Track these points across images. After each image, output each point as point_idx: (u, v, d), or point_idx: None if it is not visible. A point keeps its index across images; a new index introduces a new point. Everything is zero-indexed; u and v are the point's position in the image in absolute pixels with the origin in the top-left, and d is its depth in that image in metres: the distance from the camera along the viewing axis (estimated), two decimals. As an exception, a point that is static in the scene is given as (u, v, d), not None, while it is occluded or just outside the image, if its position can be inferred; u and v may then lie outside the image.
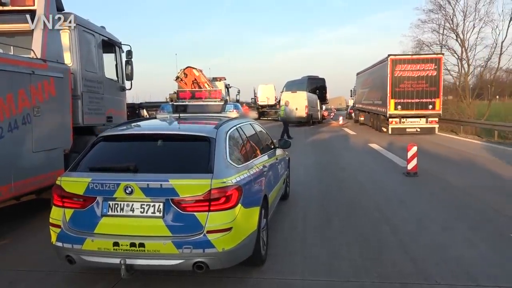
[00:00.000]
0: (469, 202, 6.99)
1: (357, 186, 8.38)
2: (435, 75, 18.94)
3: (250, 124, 5.58)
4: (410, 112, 19.18)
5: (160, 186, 3.55)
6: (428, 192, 7.81)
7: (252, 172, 4.30)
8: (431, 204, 6.88)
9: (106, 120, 7.87)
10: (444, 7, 38.08)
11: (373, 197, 7.36)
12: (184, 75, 20.41)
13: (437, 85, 19.03)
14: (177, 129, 4.51)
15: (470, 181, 8.80)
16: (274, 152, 6.07)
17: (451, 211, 6.42)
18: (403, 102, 19.14)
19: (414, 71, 19.02)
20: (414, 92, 19.05)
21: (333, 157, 12.94)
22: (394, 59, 19.17)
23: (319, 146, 16.31)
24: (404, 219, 6.02)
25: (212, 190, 3.53)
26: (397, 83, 19.14)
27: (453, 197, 7.40)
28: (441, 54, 20.83)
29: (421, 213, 6.32)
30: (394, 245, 4.93)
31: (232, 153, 4.13)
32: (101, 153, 4.09)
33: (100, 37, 7.90)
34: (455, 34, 38.46)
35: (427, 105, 19.03)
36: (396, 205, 6.84)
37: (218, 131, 4.12)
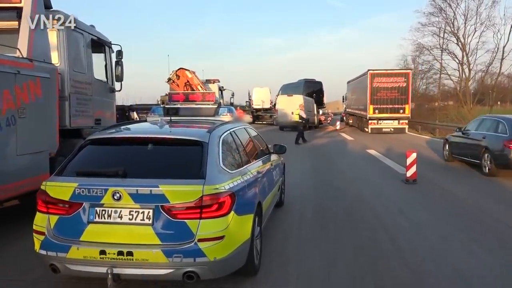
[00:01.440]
0: (471, 211, 7.03)
1: (355, 193, 8.39)
2: (405, 86, 24.79)
3: (244, 128, 5.58)
4: (385, 115, 24.90)
5: (150, 192, 3.53)
6: (428, 201, 7.84)
7: (246, 178, 4.29)
8: (431, 213, 6.90)
9: (94, 123, 7.83)
10: (444, 10, 38.47)
11: (371, 205, 7.37)
12: (176, 76, 20.38)
13: (406, 94, 24.76)
14: (168, 133, 4.49)
15: (468, 187, 8.85)
16: (269, 157, 6.07)
17: (452, 221, 6.43)
18: (380, 107, 24.82)
19: (388, 82, 24.83)
20: (388, 99, 24.75)
21: (329, 163, 12.97)
22: (372, 73, 24.98)
23: (315, 152, 16.34)
24: (403, 228, 6.02)
25: (204, 197, 3.52)
26: (375, 92, 24.85)
27: (455, 206, 7.43)
28: (409, 69, 27.71)
29: (421, 222, 6.33)
30: (392, 255, 4.93)
31: (225, 158, 4.12)
32: (89, 157, 4.06)
33: (89, 36, 7.88)
34: (456, 38, 38.81)
35: (399, 110, 24.75)
36: (395, 214, 6.85)
37: (211, 135, 4.11)
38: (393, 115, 24.80)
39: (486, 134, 10.69)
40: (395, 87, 24.79)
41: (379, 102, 24.81)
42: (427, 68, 44.05)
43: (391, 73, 25.28)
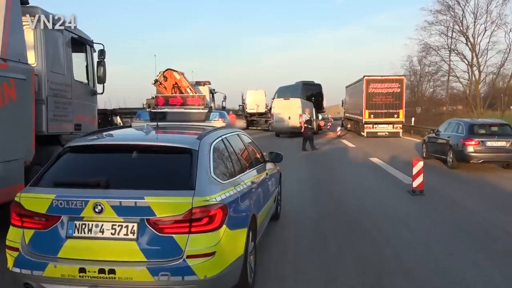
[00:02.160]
0: (482, 225, 7.07)
1: (357, 205, 8.41)
2: (399, 92, 27.55)
3: (237, 134, 5.59)
4: (380, 120, 27.48)
5: (135, 204, 3.52)
6: (436, 213, 7.87)
7: (239, 189, 4.29)
8: (439, 227, 6.93)
9: (74, 128, 7.81)
10: (453, 8, 38.96)
11: (374, 219, 7.39)
12: (164, 78, 20.39)
13: (400, 99, 27.55)
14: (154, 140, 4.49)
15: (478, 199, 8.90)
16: (264, 166, 6.08)
17: (463, 236, 6.46)
18: (375, 112, 27.44)
19: (383, 88, 27.52)
20: (383, 104, 27.41)
21: (329, 172, 13.00)
22: (368, 79, 27.71)
23: (314, 160, 16.38)
24: (408, 243, 6.04)
25: (193, 209, 3.52)
26: (370, 97, 27.53)
27: (465, 220, 7.47)
28: (403, 75, 30.79)
29: (428, 237, 6.35)
30: (397, 272, 4.94)
31: (216, 167, 4.12)
32: (68, 165, 4.05)
33: (69, 34, 7.87)
34: (465, 37, 39.27)
35: (393, 115, 27.36)
36: (400, 228, 6.87)
37: (201, 142, 4.11)
38: (388, 120, 27.44)
39: (450, 134, 13.94)
40: (390, 92, 27.53)
41: (374, 107, 27.50)
42: (434, 69, 44.48)
43: (386, 79, 28.15)
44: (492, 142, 12.97)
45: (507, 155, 12.87)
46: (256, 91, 39.04)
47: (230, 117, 21.36)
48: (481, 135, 13.21)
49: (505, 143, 12.90)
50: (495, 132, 13.40)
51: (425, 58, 45.72)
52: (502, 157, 13.01)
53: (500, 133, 13.30)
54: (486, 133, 13.36)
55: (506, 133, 13.27)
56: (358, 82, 29.98)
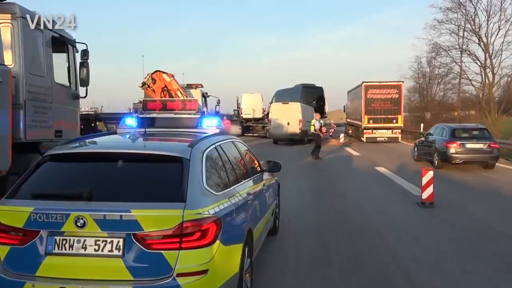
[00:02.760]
0: (497, 240, 7.08)
1: (362, 219, 8.42)
2: (397, 97, 30.45)
3: (232, 142, 5.59)
4: (379, 125, 30.32)
5: (120, 218, 3.51)
6: (448, 227, 7.88)
7: (234, 201, 4.29)
8: (452, 242, 6.94)
9: (54, 135, 7.79)
10: (464, 5, 39.17)
11: (381, 234, 7.40)
12: (152, 81, 20.38)
13: (398, 105, 30.49)
14: (142, 148, 4.48)
15: (493, 210, 8.93)
16: (261, 176, 6.08)
17: (479, 254, 6.47)
18: (374, 117, 30.20)
19: (381, 94, 30.37)
20: (382, 110, 30.21)
21: (332, 183, 13.03)
22: (366, 85, 30.67)
23: (316, 169, 16.42)
24: (418, 261, 6.04)
25: (184, 223, 3.51)
26: (369, 103, 30.35)
27: (477, 233, 7.48)
28: (401, 81, 32.73)
29: (440, 254, 6.35)
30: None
31: (209, 177, 4.12)
32: (47, 176, 4.04)
33: (49, 33, 7.88)
34: (477, 37, 39.45)
35: (392, 120, 30.22)
36: (409, 244, 6.87)
37: (193, 150, 4.11)
38: (387, 125, 30.33)
39: (436, 138, 16.62)
40: (388, 98, 30.44)
41: (373, 113, 30.32)
42: (444, 71, 44.66)
43: (384, 85, 30.96)
44: (471, 144, 15.57)
45: (484, 156, 15.55)
46: (252, 94, 39.13)
47: (224, 122, 21.34)
48: (461, 138, 15.81)
49: (482, 145, 15.51)
50: (475, 135, 16.07)
51: (434, 59, 45.94)
52: (480, 158, 15.66)
53: (479, 136, 15.99)
54: (466, 136, 16.01)
55: (484, 136, 16.02)
56: (358, 88, 32.67)
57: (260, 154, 7.21)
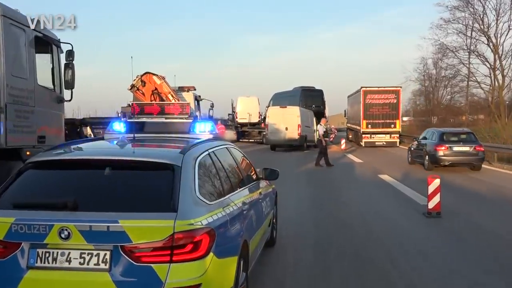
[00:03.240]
0: (509, 253, 7.10)
1: (364, 231, 8.43)
2: (395, 102, 32.93)
3: (226, 148, 5.61)
4: (377, 130, 32.73)
5: (107, 229, 3.51)
6: (455, 239, 7.90)
7: (228, 211, 4.29)
8: (460, 255, 6.96)
9: (37, 141, 7.79)
10: (472, 4, 39.43)
11: (385, 247, 7.40)
12: (142, 83, 20.36)
13: (397, 110, 33.05)
14: (130, 154, 4.49)
15: (502, 219, 8.96)
16: (258, 184, 6.09)
17: (491, 268, 6.48)
18: (372, 122, 32.62)
19: (380, 99, 32.85)
20: (380, 115, 32.63)
21: (333, 192, 13.04)
22: (365, 90, 33.16)
23: (315, 177, 16.45)
24: (425, 277, 6.04)
25: (175, 235, 3.51)
26: (368, 108, 32.75)
27: (488, 246, 7.50)
28: (399, 87, 34.68)
29: (449, 269, 6.35)
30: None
31: (202, 186, 4.13)
32: (30, 184, 4.04)
33: (32, 32, 7.89)
34: (486, 37, 39.72)
35: (390, 125, 32.66)
36: (415, 258, 6.88)
37: (185, 156, 4.12)
38: (385, 130, 32.81)
39: (426, 142, 18.71)
40: (387, 103, 32.90)
41: (372, 117, 32.73)
42: (451, 73, 44.90)
43: (383, 90, 33.48)
44: (458, 147, 17.69)
45: (470, 158, 17.71)
46: (248, 98, 39.15)
47: (218, 128, 21.30)
48: (449, 141, 17.89)
49: (468, 148, 17.66)
50: (462, 139, 18.19)
51: (441, 61, 46.25)
52: (467, 160, 17.80)
53: (466, 139, 18.07)
54: (454, 140, 18.12)
55: (470, 139, 18.11)
56: (357, 93, 35.13)
57: (256, 161, 7.23)
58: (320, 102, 38.08)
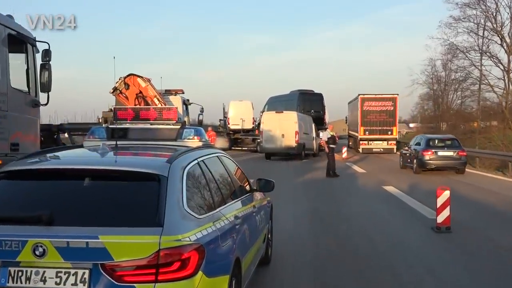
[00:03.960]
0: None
1: (368, 247, 8.44)
2: (392, 110, 37.02)
3: (217, 157, 5.61)
4: (375, 137, 36.82)
5: (86, 246, 3.49)
6: (468, 257, 7.91)
7: (219, 225, 4.29)
8: (473, 275, 6.97)
9: (10, 149, 7.76)
10: (484, 1, 39.68)
11: (390, 265, 7.41)
12: (125, 86, 20.39)
13: (394, 117, 37.10)
14: (112, 163, 4.47)
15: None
16: (251, 197, 6.09)
17: (502, 286, 6.50)
18: (370, 129, 36.64)
19: (377, 106, 36.85)
20: (378, 121, 36.56)
21: (333, 205, 13.05)
22: (363, 98, 37.26)
23: (314, 189, 16.48)
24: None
25: (161, 252, 3.49)
26: (365, 115, 36.80)
27: (504, 267, 7.52)
28: (396, 94, 38.37)
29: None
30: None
31: (191, 198, 4.12)
32: (1, 196, 4.01)
33: (4, 30, 7.88)
34: (500, 36, 39.94)
35: (387, 132, 36.59)
36: (422, 276, 6.88)
37: (172, 166, 4.11)
38: (382, 136, 36.69)
39: (415, 147, 22.08)
40: (384, 110, 36.84)
41: (369, 124, 36.63)
42: (462, 76, 45.09)
43: (380, 97, 37.44)
44: (443, 152, 21.07)
45: (454, 162, 21.19)
46: (241, 102, 39.26)
47: (208, 134, 21.31)
48: (435, 147, 21.32)
49: (452, 153, 21.11)
50: (447, 144, 21.60)
51: (451, 62, 46.44)
52: (451, 164, 21.28)
53: (450, 145, 21.53)
54: (439, 145, 21.53)
55: (454, 145, 21.58)
56: (355, 100, 39.15)
57: (250, 171, 7.22)
58: (320, 107, 38.21)
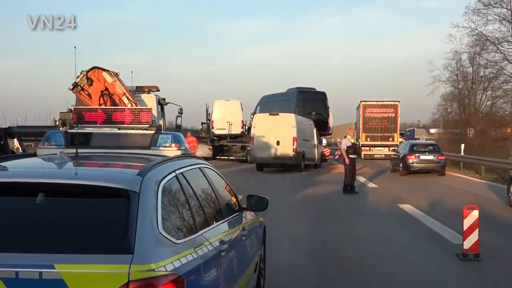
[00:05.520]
0: None
1: (381, 280, 8.47)
2: (393, 116, 45.27)
3: (199, 168, 5.60)
4: (376, 143, 45.02)
5: (39, 277, 3.46)
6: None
7: (201, 252, 4.28)
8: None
9: None
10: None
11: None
12: (88, 81, 20.39)
13: (395, 123, 45.44)
14: (72, 176, 4.45)
15: None
16: (240, 217, 6.09)
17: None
18: (371, 135, 44.97)
19: (379, 113, 45.23)
20: (379, 128, 44.75)
21: (339, 228, 13.04)
22: (364, 104, 45.87)
23: (316, 208, 16.51)
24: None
25: (130, 284, 3.47)
26: (367, 121, 45.23)
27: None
28: (397, 101, 46.28)
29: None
30: None
31: (167, 218, 4.11)
32: None
33: None
34: (538, 26, 40.24)
35: (388, 138, 44.39)
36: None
37: (145, 180, 4.09)
38: (384, 143, 44.13)
39: (401, 152, 29.85)
40: (385, 117, 44.99)
41: (371, 131, 44.88)
42: (493, 72, 45.34)
43: (382, 104, 45.88)
44: (424, 156, 28.87)
45: (434, 165, 28.98)
46: (228, 102, 39.32)
47: (188, 141, 21.31)
48: (418, 151, 29.12)
49: (433, 157, 28.86)
50: (428, 149, 29.61)
51: (479, 56, 46.73)
52: (431, 167, 29.05)
53: (431, 150, 29.55)
54: (422, 150, 29.52)
55: (434, 150, 29.62)
56: (358, 108, 47.40)
57: (239, 185, 7.22)
58: (323, 108, 38.29)
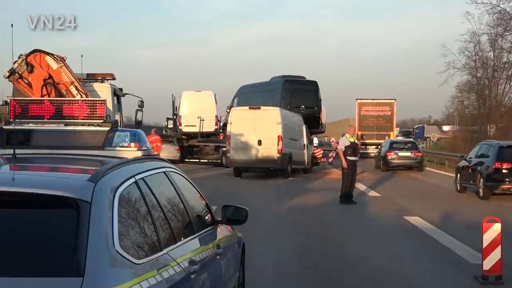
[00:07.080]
0: None
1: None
2: (389, 115, 53.88)
3: (164, 173, 5.60)
4: (372, 141, 51.77)
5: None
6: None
7: (167, 275, 4.28)
8: None
9: None
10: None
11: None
12: (28, 67, 20.27)
13: (391, 122, 53.89)
14: (8, 183, 4.42)
15: None
16: (214, 232, 6.13)
17: None
18: (367, 133, 51.99)
19: (374, 111, 53.77)
20: (375, 126, 52.86)
21: (333, 245, 13.10)
22: (360, 103, 54.21)
23: (306, 220, 16.49)
24: None
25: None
26: (363, 120, 53.20)
27: None
28: (393, 99, 54.71)
29: None
30: None
31: (125, 234, 4.10)
32: None
33: None
34: None
35: (384, 136, 49.58)
36: None
37: (98, 187, 4.08)
38: (380, 141, 48.17)
39: (383, 150, 40.88)
40: (381, 115, 53.11)
41: (367, 129, 51.92)
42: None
43: (377, 102, 54.10)
44: (402, 152, 38.37)
45: (411, 161, 38.64)
46: (199, 93, 39.32)
47: (150, 140, 21.27)
48: (396, 148, 38.66)
49: (410, 153, 38.57)
50: (407, 147, 39.66)
51: (502, 38, 47.16)
52: (409, 163, 38.61)
53: (409, 147, 39.61)
54: (400, 147, 39.07)
55: (412, 147, 39.99)
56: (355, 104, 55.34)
57: (212, 194, 7.22)
58: (314, 101, 38.33)
